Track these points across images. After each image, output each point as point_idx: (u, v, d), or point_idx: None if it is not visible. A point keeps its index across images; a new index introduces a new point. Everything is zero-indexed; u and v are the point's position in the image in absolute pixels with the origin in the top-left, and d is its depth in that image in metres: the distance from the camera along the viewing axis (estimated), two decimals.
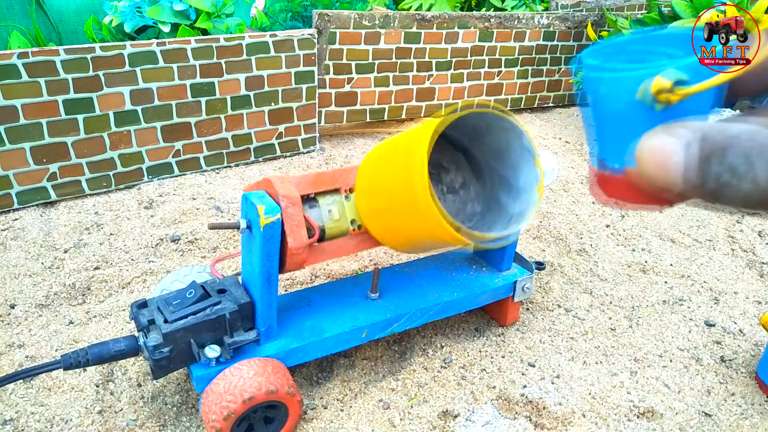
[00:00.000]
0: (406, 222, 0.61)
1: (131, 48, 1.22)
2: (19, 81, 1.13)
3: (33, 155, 1.19)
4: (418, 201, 0.56)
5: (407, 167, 0.57)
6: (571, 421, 0.75)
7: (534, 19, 1.79)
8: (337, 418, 0.74)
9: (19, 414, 0.73)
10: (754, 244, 1.19)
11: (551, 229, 1.21)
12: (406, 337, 0.88)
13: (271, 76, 1.42)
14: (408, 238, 0.64)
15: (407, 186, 0.57)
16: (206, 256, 1.08)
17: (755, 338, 0.92)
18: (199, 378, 0.67)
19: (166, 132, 1.34)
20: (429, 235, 0.60)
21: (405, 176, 0.57)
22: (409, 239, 0.64)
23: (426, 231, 0.59)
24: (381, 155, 0.65)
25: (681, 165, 0.20)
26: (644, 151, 0.22)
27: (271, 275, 0.66)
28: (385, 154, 0.64)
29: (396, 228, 0.64)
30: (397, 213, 0.62)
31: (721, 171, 0.19)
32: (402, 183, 0.58)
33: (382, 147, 0.65)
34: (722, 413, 0.78)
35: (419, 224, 0.59)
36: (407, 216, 0.60)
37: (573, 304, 0.98)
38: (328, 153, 1.57)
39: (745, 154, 0.19)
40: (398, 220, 0.62)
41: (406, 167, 0.57)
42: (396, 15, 1.57)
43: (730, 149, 0.19)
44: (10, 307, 0.92)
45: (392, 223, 0.64)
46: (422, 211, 0.57)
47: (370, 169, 0.66)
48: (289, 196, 0.64)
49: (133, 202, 1.27)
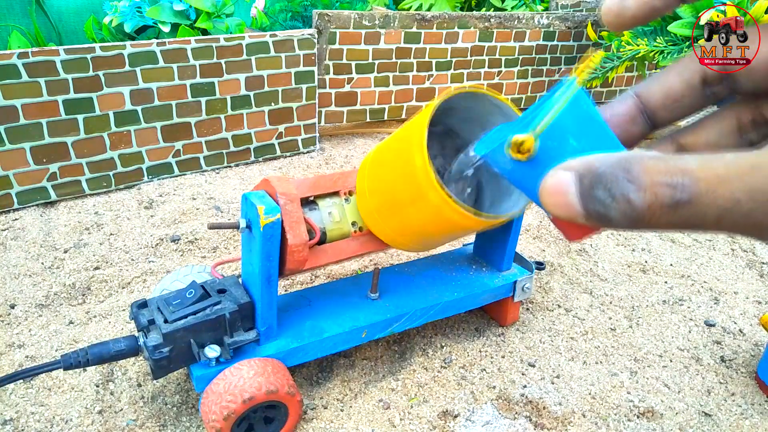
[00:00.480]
0: (411, 212, 0.61)
1: (131, 48, 1.22)
2: (19, 81, 1.13)
3: (33, 155, 1.19)
4: (422, 185, 0.56)
5: (407, 153, 0.57)
6: (571, 421, 0.75)
7: (534, 19, 1.79)
8: (337, 418, 0.74)
9: (19, 414, 0.73)
10: (754, 244, 1.19)
11: (551, 229, 1.21)
12: (406, 337, 0.88)
13: (271, 76, 1.42)
14: (414, 230, 0.64)
15: (409, 171, 0.57)
16: (206, 256, 1.08)
17: (755, 338, 0.92)
18: (199, 378, 0.67)
19: (166, 132, 1.34)
20: (436, 221, 0.60)
21: (406, 161, 0.57)
22: (415, 231, 0.64)
23: (432, 216, 0.59)
24: (379, 152, 0.65)
25: (576, 196, 0.22)
26: (542, 192, 0.23)
27: (271, 275, 0.66)
28: (384, 149, 0.64)
29: (401, 221, 0.64)
30: (400, 205, 0.62)
31: (602, 197, 0.21)
32: (404, 169, 0.58)
33: (380, 145, 0.66)
34: (722, 413, 0.78)
35: (425, 211, 0.59)
36: (412, 205, 0.60)
37: (573, 304, 0.98)
38: (328, 153, 1.57)
39: (603, 182, 0.21)
40: (403, 212, 0.62)
41: (406, 153, 0.57)
42: (396, 15, 1.57)
43: (602, 177, 0.21)
44: (10, 307, 0.92)
45: (396, 217, 0.64)
46: (426, 194, 0.56)
47: (369, 168, 0.66)
48: (287, 193, 0.64)
49: (133, 202, 1.27)
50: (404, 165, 0.58)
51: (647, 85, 0.30)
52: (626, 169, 0.21)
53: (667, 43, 1.44)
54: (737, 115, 0.28)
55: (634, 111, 0.30)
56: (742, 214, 0.19)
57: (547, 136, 0.27)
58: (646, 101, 0.30)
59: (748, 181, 0.19)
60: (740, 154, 0.20)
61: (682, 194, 0.20)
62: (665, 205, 0.20)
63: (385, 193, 0.64)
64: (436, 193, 0.56)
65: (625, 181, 0.20)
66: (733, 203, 0.19)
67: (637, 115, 0.30)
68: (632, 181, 0.20)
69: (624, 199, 0.21)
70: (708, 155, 0.20)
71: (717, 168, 0.20)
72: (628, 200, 0.20)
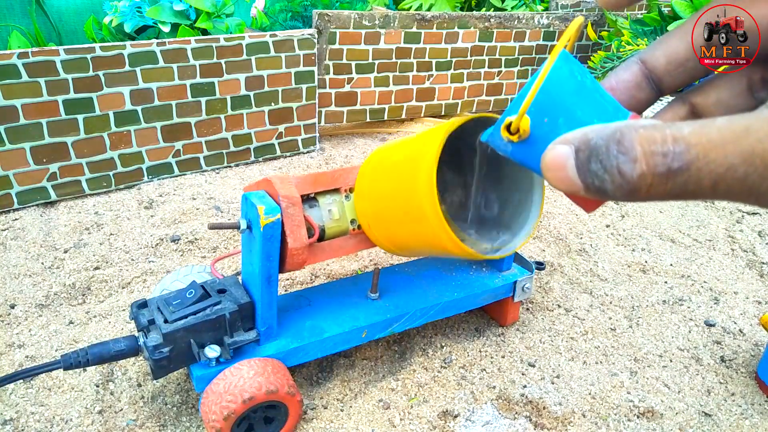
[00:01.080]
0: (411, 236, 0.61)
1: (131, 48, 1.22)
2: (19, 81, 1.13)
3: (33, 155, 1.19)
4: (428, 217, 0.55)
5: (414, 180, 0.55)
6: (571, 421, 0.75)
7: (534, 19, 1.79)
8: (337, 418, 0.74)
9: (19, 414, 0.73)
10: (754, 244, 1.19)
11: (551, 229, 1.21)
12: (406, 337, 0.88)
13: (271, 76, 1.42)
14: (407, 246, 0.64)
15: (418, 215, 0.56)
16: (206, 256, 1.08)
17: (755, 338, 0.92)
18: (199, 378, 0.67)
19: (166, 132, 1.34)
20: (431, 246, 0.60)
21: (411, 188, 0.56)
22: (408, 247, 0.64)
23: (430, 242, 0.59)
24: (384, 162, 0.63)
25: (573, 169, 0.22)
26: (543, 167, 0.23)
27: (271, 275, 0.66)
28: (389, 161, 0.63)
29: (398, 239, 0.64)
30: (400, 223, 0.61)
31: (597, 169, 0.21)
32: (408, 194, 0.57)
33: (385, 153, 0.64)
34: (722, 413, 0.78)
35: (424, 236, 0.59)
36: (411, 226, 0.59)
37: (573, 304, 0.98)
38: (328, 153, 1.58)
39: (597, 155, 0.21)
40: (401, 232, 0.62)
41: (412, 179, 0.56)
42: (396, 15, 1.57)
43: (595, 149, 0.21)
44: (10, 307, 0.92)
45: (393, 233, 0.64)
46: (431, 226, 0.56)
47: (371, 173, 0.65)
48: (289, 196, 0.64)
49: (133, 202, 1.27)
50: (410, 199, 0.57)
51: (651, 50, 0.29)
52: (618, 140, 0.20)
53: None
54: (748, 74, 0.28)
55: (639, 77, 0.30)
56: (737, 178, 0.19)
57: (540, 111, 0.26)
58: (651, 67, 0.29)
59: (742, 144, 0.19)
60: (734, 117, 0.19)
61: (674, 162, 0.19)
62: (659, 174, 0.20)
63: (385, 211, 0.63)
64: (449, 237, 0.55)
65: (618, 153, 0.20)
66: (726, 167, 0.19)
67: (643, 81, 0.30)
68: (625, 152, 0.20)
69: (617, 171, 0.20)
70: (702, 120, 0.20)
71: (710, 133, 0.19)
72: (621, 172, 0.20)
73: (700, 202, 1.36)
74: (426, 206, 0.55)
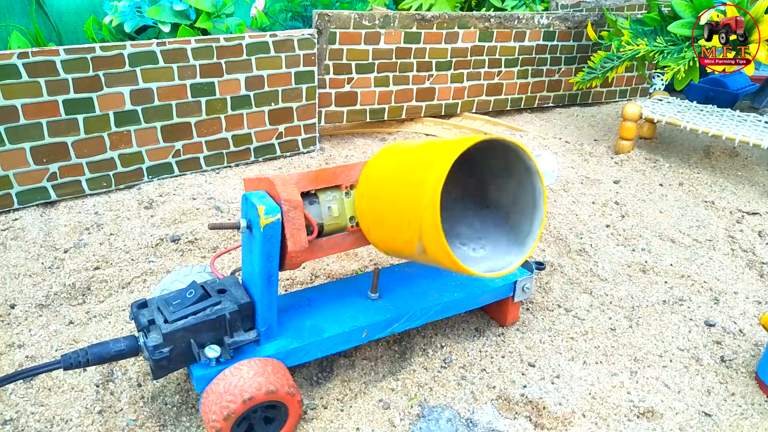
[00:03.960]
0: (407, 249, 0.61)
1: (131, 48, 1.22)
2: (19, 81, 1.13)
3: (33, 155, 1.19)
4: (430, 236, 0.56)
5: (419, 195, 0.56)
6: (571, 421, 0.75)
7: (534, 19, 1.79)
8: (337, 418, 0.74)
9: (19, 414, 0.73)
10: (754, 244, 1.19)
11: (551, 229, 1.21)
12: (406, 337, 0.88)
13: (271, 76, 1.42)
14: (403, 256, 0.65)
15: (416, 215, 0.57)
16: (206, 256, 1.08)
17: (755, 338, 0.92)
18: (199, 378, 0.67)
19: (166, 132, 1.34)
20: (427, 262, 0.61)
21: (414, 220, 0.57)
22: (404, 256, 0.65)
23: (426, 260, 0.60)
24: (390, 179, 0.63)
25: None
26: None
27: (271, 275, 0.66)
28: (396, 172, 0.63)
29: (395, 247, 0.65)
30: (399, 232, 0.62)
31: None
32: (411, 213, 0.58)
33: (393, 160, 0.65)
34: (722, 413, 0.78)
35: (424, 258, 0.60)
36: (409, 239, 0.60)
37: (573, 304, 0.98)
38: (328, 153, 1.58)
39: None
40: (399, 240, 0.63)
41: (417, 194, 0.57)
42: (396, 15, 1.57)
43: None
44: (10, 307, 0.92)
45: (390, 240, 0.65)
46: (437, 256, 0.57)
47: (374, 186, 0.65)
48: (291, 200, 0.64)
49: (133, 202, 1.27)
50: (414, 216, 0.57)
51: None
52: None
53: (667, 43, 1.44)
54: None
55: None
56: None
57: None
58: None
59: None
60: None
61: None
62: None
63: (387, 219, 0.64)
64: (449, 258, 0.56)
65: None
66: None
67: None
68: None
69: None
70: None
71: None
72: None
73: (700, 202, 1.36)
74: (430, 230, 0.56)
